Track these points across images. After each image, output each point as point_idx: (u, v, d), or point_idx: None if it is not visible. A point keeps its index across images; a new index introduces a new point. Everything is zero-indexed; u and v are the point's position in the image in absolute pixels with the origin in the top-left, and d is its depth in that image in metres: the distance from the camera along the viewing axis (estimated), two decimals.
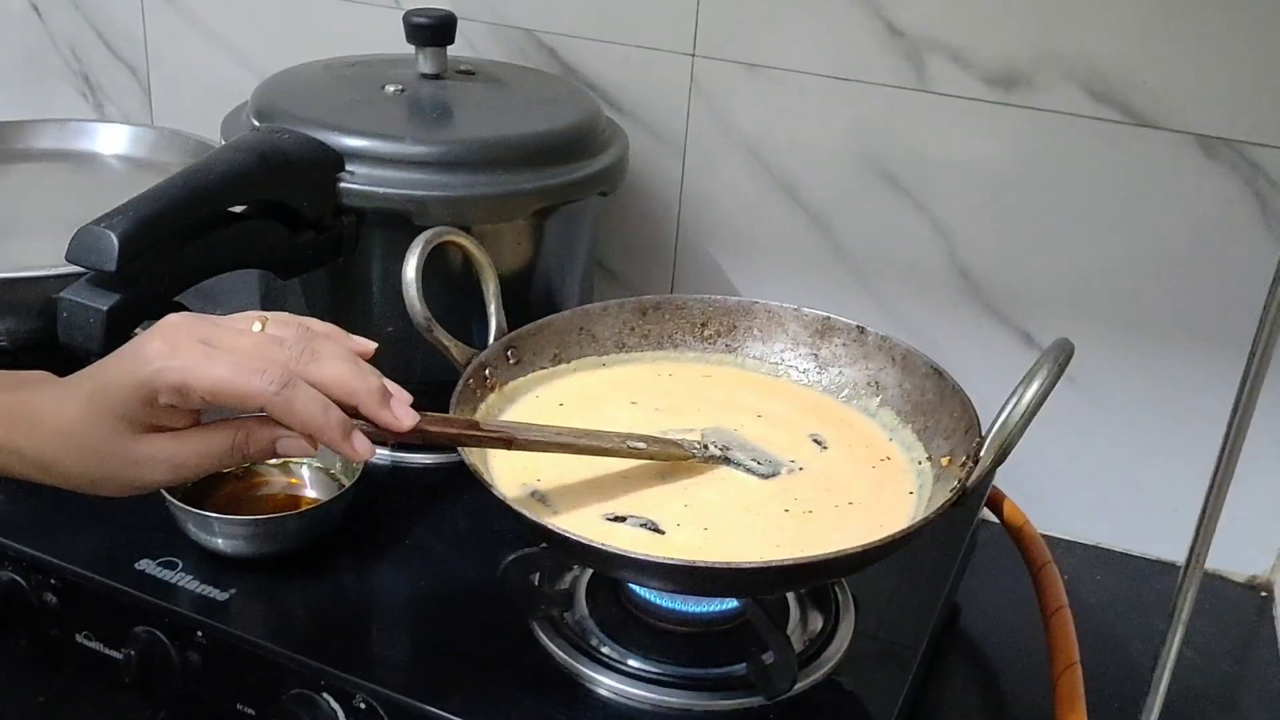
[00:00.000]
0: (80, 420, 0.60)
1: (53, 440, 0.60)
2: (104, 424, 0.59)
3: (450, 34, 0.90)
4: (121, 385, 0.58)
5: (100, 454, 0.60)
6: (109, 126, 1.11)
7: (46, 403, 0.61)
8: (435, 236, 0.76)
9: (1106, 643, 0.88)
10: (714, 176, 1.03)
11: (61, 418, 0.60)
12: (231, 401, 0.58)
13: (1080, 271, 0.93)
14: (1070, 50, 0.88)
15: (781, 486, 0.73)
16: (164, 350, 0.58)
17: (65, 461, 0.61)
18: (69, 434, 0.60)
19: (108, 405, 0.59)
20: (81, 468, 0.61)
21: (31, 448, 0.61)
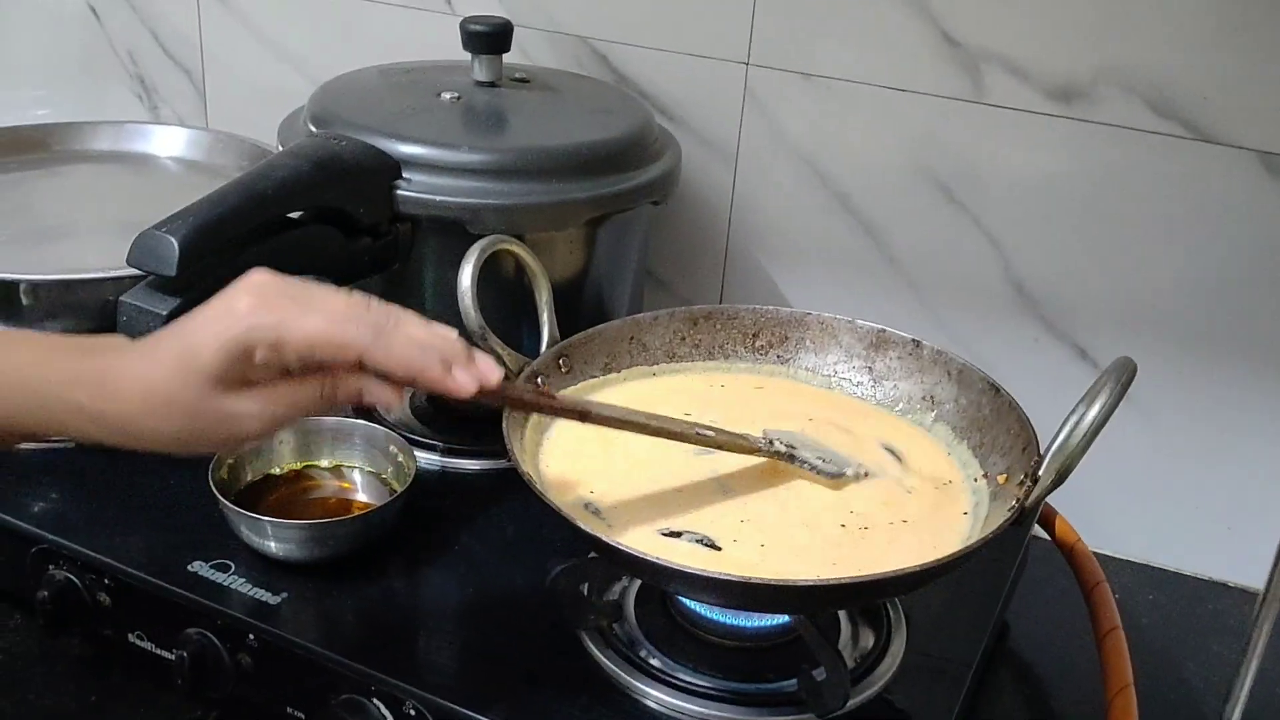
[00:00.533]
0: (168, 381, 0.59)
1: (138, 404, 0.60)
2: (195, 385, 0.59)
3: (507, 42, 0.90)
4: (212, 345, 0.58)
5: (192, 413, 0.59)
6: (165, 129, 1.12)
7: (129, 367, 0.60)
8: (491, 244, 0.76)
9: (1159, 664, 0.87)
10: (765, 185, 1.03)
11: (147, 381, 0.59)
12: (328, 352, 0.58)
13: (1137, 287, 0.92)
14: (1131, 64, 0.87)
15: (839, 499, 0.73)
16: (256, 306, 0.58)
17: (154, 424, 0.60)
18: (157, 397, 0.59)
19: (198, 366, 0.58)
20: (172, 429, 0.60)
21: (116, 412, 0.60)
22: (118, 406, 0.60)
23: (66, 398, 0.61)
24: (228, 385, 0.59)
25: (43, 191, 1.05)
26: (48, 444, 0.90)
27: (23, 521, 0.82)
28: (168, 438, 0.60)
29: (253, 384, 0.60)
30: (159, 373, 0.59)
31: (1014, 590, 0.87)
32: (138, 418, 0.60)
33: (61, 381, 0.61)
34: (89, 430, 0.61)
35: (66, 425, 0.62)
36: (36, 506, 0.84)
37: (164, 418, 0.60)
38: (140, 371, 0.60)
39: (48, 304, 0.86)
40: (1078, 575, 0.87)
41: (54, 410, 0.61)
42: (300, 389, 0.60)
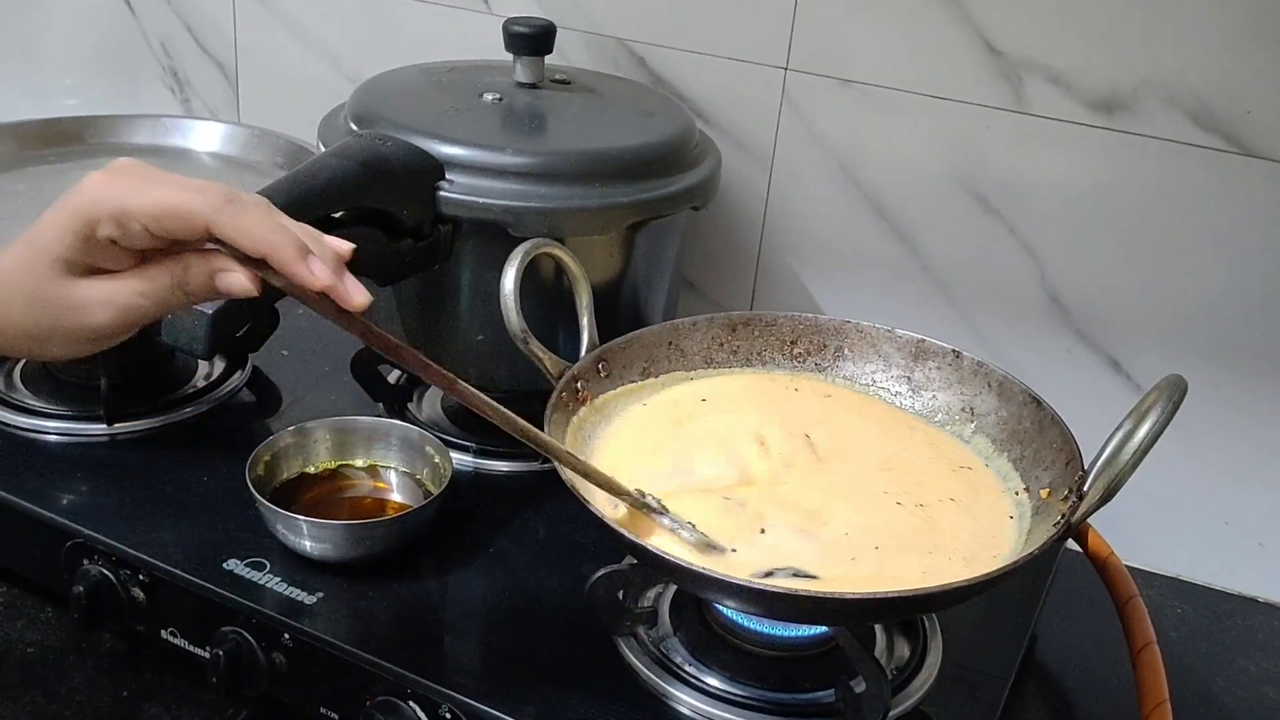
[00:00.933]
0: (16, 267, 0.57)
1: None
2: (41, 267, 0.57)
3: (549, 44, 0.90)
4: (57, 221, 0.56)
5: (38, 299, 0.57)
6: (202, 124, 1.12)
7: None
8: (534, 248, 0.76)
9: (1188, 678, 0.87)
10: (801, 191, 1.03)
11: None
12: (174, 223, 0.55)
13: (1174, 300, 0.92)
14: (1174, 76, 0.87)
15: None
16: (102, 181, 0.55)
17: (4, 315, 0.58)
18: (5, 283, 0.58)
19: (44, 246, 0.56)
20: (22, 320, 0.58)
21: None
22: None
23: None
24: (74, 269, 0.57)
25: None
26: (80, 436, 0.90)
27: (56, 515, 0.82)
28: (17, 333, 0.58)
29: (102, 272, 0.57)
30: (8, 259, 0.58)
31: (1045, 602, 0.86)
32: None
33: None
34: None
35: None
36: (66, 499, 0.84)
37: (15, 308, 0.57)
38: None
39: None
40: (1110, 589, 0.87)
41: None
42: (151, 274, 0.57)
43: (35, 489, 0.84)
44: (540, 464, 0.90)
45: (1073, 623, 0.89)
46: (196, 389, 0.97)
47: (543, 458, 0.70)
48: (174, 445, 0.91)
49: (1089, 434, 0.70)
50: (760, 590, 0.61)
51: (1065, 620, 0.89)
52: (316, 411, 0.91)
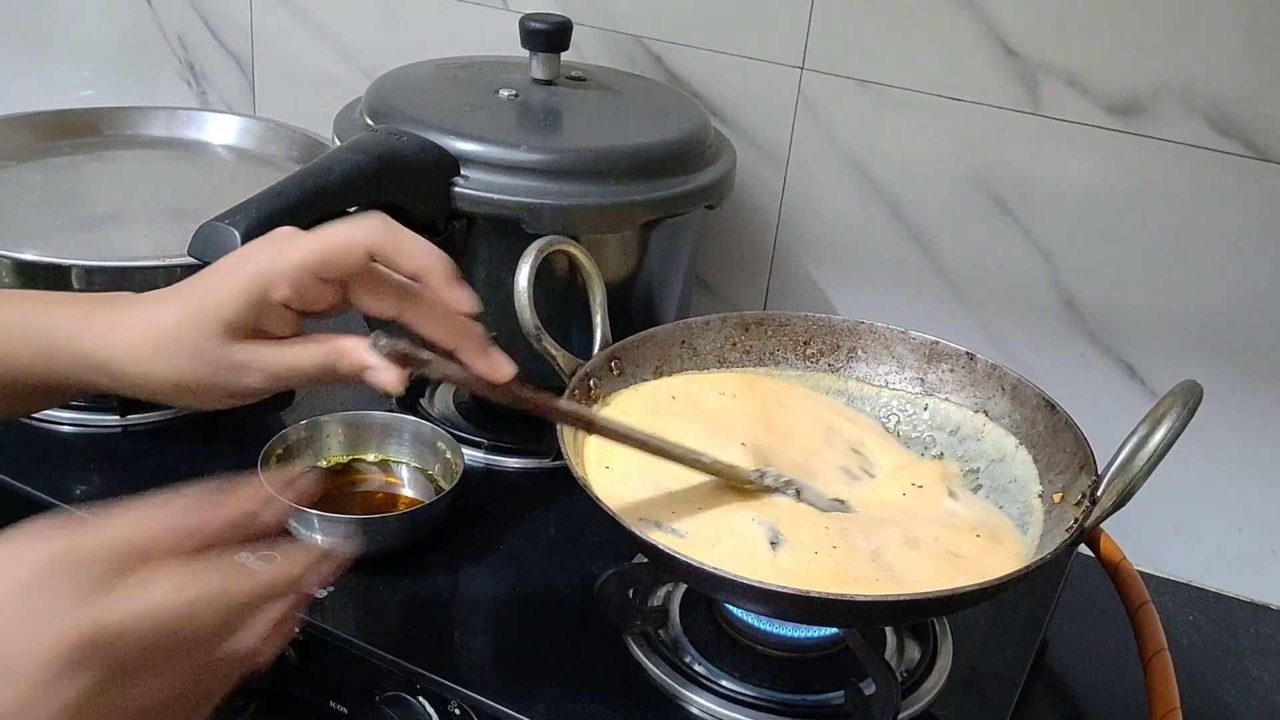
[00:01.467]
0: (178, 324, 0.59)
1: (147, 348, 0.60)
2: (207, 326, 0.59)
3: (565, 40, 0.90)
4: (229, 287, 0.58)
5: (196, 356, 0.59)
6: (218, 116, 1.12)
7: (140, 313, 0.61)
8: (549, 245, 0.76)
9: (1199, 686, 0.86)
10: (815, 191, 1.03)
11: (159, 325, 0.60)
12: (339, 258, 0.58)
13: (1189, 305, 0.92)
14: (1192, 80, 0.87)
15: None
16: (270, 246, 0.59)
17: (161, 370, 0.60)
18: (164, 340, 0.59)
19: (211, 307, 0.59)
20: (174, 374, 0.60)
21: (123, 359, 0.60)
22: (125, 352, 0.60)
23: (72, 347, 0.61)
24: (237, 333, 0.59)
25: (94, 176, 1.05)
26: (93, 427, 0.90)
27: (69, 505, 0.82)
28: (171, 385, 0.60)
29: (263, 336, 0.60)
30: (171, 316, 0.60)
31: (1056, 606, 0.86)
32: (145, 362, 0.60)
33: (68, 332, 0.61)
34: (94, 379, 0.61)
35: (71, 377, 0.61)
36: (79, 489, 0.84)
37: (169, 362, 0.59)
38: (152, 317, 0.60)
39: (100, 290, 0.86)
40: (1122, 594, 0.86)
41: (58, 361, 0.61)
42: (306, 351, 0.60)
43: (48, 479, 0.84)
44: (551, 461, 0.90)
45: (1084, 628, 0.89)
46: None
47: (555, 454, 0.70)
48: (187, 437, 0.91)
49: (1103, 439, 0.70)
50: (770, 590, 0.61)
51: (1076, 625, 0.88)
52: (329, 405, 0.91)
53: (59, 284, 0.85)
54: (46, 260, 0.85)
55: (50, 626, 0.42)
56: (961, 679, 0.74)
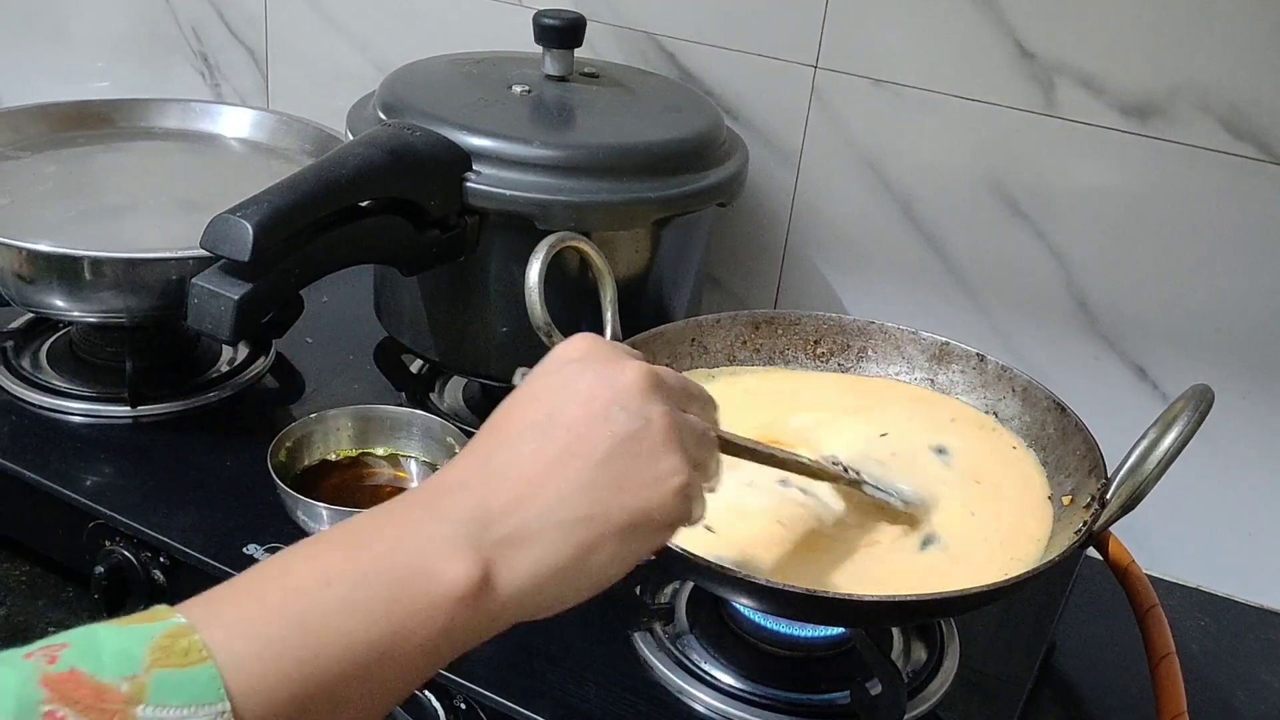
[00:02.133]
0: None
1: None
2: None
3: (579, 37, 0.90)
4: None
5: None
6: (231, 109, 1.12)
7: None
8: (560, 241, 0.76)
9: (1207, 690, 0.86)
10: (827, 190, 1.02)
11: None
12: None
13: (1203, 309, 0.91)
14: (1208, 83, 0.86)
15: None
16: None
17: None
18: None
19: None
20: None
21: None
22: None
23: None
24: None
25: (107, 167, 1.05)
26: (104, 418, 0.91)
27: (79, 495, 0.82)
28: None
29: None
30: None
31: (1064, 609, 0.86)
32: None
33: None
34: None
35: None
36: (89, 480, 0.84)
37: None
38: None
39: (111, 281, 0.86)
40: (1131, 598, 0.86)
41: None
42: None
43: (59, 469, 0.85)
44: None
45: (1092, 631, 0.88)
46: (220, 374, 0.98)
47: None
48: (197, 429, 0.92)
49: (1113, 442, 0.70)
50: (777, 589, 0.61)
51: (1084, 628, 0.88)
52: (339, 399, 0.92)
53: (71, 274, 0.85)
54: (59, 251, 0.85)
55: (627, 366, 0.52)
56: (968, 680, 0.74)
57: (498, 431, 0.53)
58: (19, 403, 0.92)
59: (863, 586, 0.64)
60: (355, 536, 0.49)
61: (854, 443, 0.76)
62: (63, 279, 0.86)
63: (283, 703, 0.44)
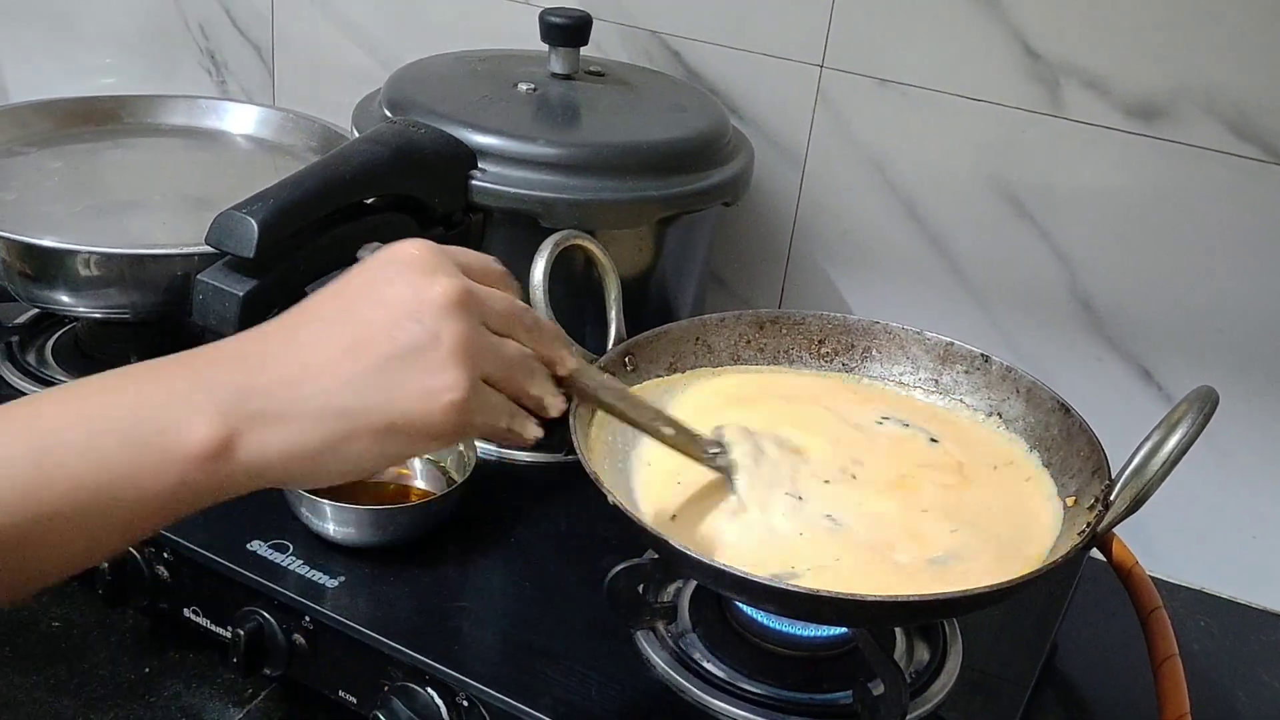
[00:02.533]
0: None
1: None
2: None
3: (585, 35, 0.90)
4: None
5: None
6: (237, 106, 1.13)
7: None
8: (564, 239, 0.76)
9: (1210, 692, 0.86)
10: (832, 190, 1.02)
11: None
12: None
13: (1208, 311, 0.91)
14: (1213, 84, 0.86)
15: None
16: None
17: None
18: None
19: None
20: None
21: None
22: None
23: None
24: None
25: (113, 163, 1.05)
26: None
27: None
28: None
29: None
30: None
31: (1067, 610, 0.86)
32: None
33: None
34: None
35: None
36: None
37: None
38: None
39: (116, 277, 0.86)
40: (1134, 599, 0.86)
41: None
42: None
43: None
44: (564, 455, 0.90)
45: (1095, 632, 0.88)
46: None
47: (567, 449, 0.70)
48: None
49: (1117, 443, 0.70)
50: (779, 589, 0.61)
51: (1087, 629, 0.88)
52: None
53: (75, 269, 0.86)
54: (64, 246, 0.85)
55: (440, 280, 0.53)
56: (971, 681, 0.74)
57: (294, 313, 0.54)
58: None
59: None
60: (111, 386, 0.51)
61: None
62: (68, 275, 0.86)
63: (3, 524, 0.46)
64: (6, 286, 0.89)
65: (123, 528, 0.50)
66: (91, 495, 0.48)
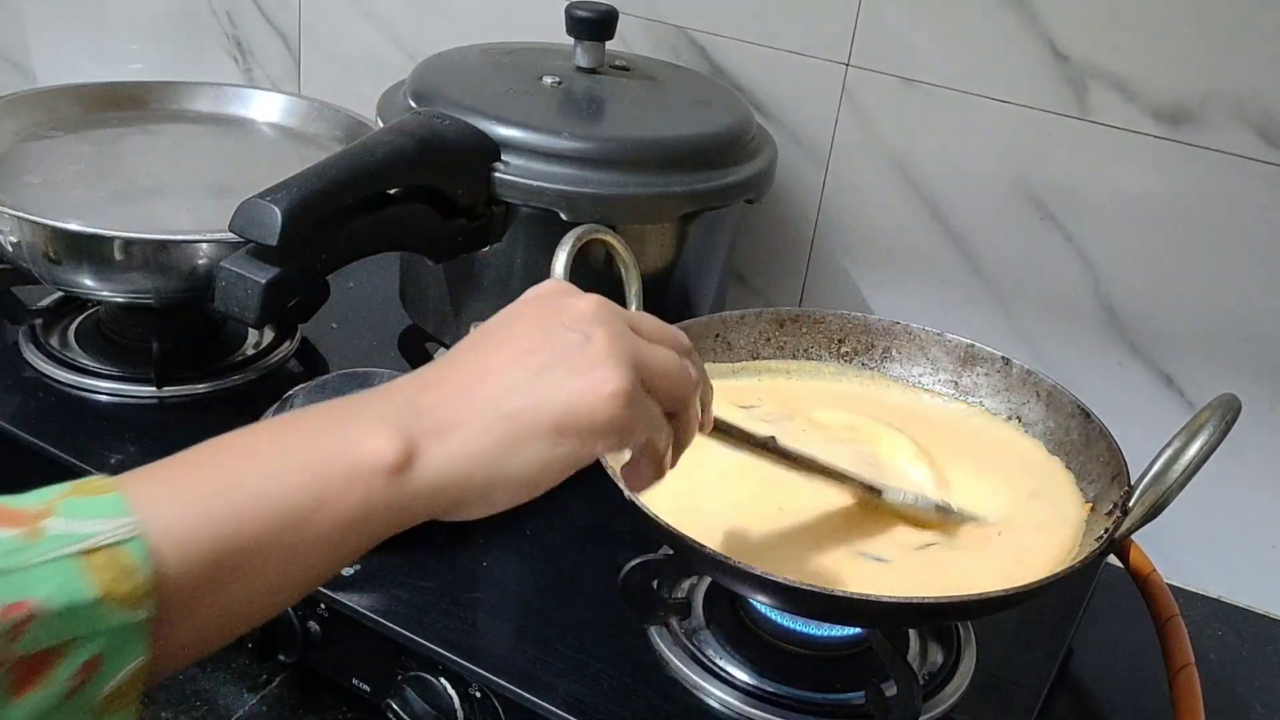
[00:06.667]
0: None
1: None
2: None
3: (611, 29, 0.90)
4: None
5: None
6: (263, 94, 1.13)
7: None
8: (586, 233, 0.76)
9: (1226, 702, 0.85)
10: (855, 189, 1.02)
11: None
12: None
13: (1233, 318, 0.90)
14: (1243, 90, 0.85)
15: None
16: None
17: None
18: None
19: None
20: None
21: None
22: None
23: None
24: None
25: (139, 149, 1.06)
26: (129, 398, 0.91)
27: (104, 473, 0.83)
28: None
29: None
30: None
31: (1084, 615, 0.86)
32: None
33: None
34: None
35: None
36: (114, 459, 0.85)
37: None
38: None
39: (140, 262, 0.87)
40: (1151, 607, 0.86)
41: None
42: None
43: (84, 447, 0.85)
44: None
45: (1110, 639, 0.88)
46: (246, 357, 0.98)
47: None
48: (221, 411, 0.92)
49: (1137, 449, 0.69)
50: (794, 588, 0.60)
51: (1103, 636, 0.88)
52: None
53: (100, 254, 0.86)
54: (89, 231, 0.85)
55: (585, 297, 0.55)
56: (984, 684, 0.74)
57: (453, 350, 0.55)
58: (46, 380, 0.93)
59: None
60: (288, 421, 0.52)
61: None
62: (92, 259, 0.86)
63: (203, 550, 0.46)
64: (31, 269, 0.89)
65: (314, 552, 0.49)
66: (284, 516, 0.48)
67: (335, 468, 0.49)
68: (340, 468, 0.49)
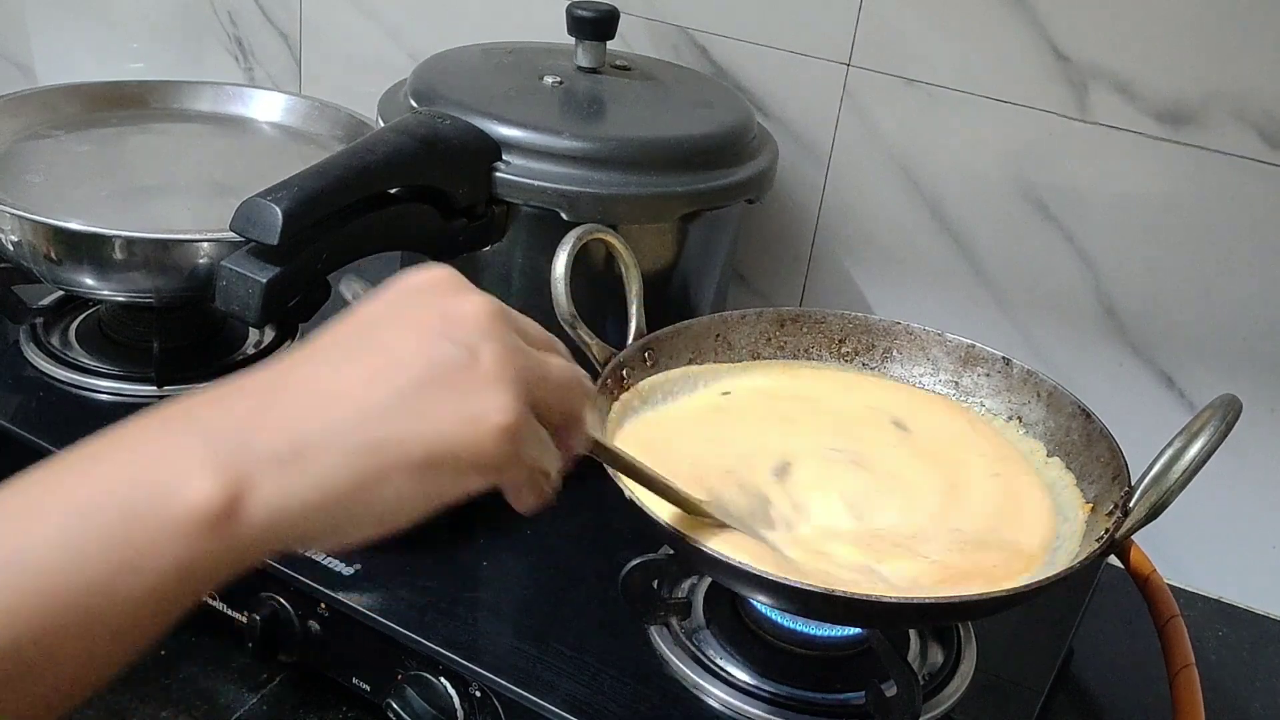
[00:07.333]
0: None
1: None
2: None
3: (612, 29, 0.90)
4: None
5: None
6: (264, 93, 1.13)
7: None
8: (586, 233, 0.76)
9: (1226, 702, 0.85)
10: (856, 189, 1.02)
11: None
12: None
13: (1233, 319, 0.90)
14: (1244, 90, 0.85)
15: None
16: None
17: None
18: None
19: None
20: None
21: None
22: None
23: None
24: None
25: (140, 148, 1.06)
26: (130, 397, 0.91)
27: None
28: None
29: None
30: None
31: (1084, 616, 0.85)
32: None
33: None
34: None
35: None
36: None
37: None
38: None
39: (141, 261, 0.87)
40: (1151, 607, 0.86)
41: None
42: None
43: None
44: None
45: (1111, 639, 0.88)
46: (246, 356, 0.98)
47: None
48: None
49: (1138, 450, 0.69)
50: (795, 588, 0.60)
51: (1103, 636, 0.88)
52: None
53: (101, 254, 0.86)
54: (90, 230, 0.85)
55: (469, 297, 0.47)
56: (984, 685, 0.74)
57: (306, 347, 0.47)
58: (47, 379, 0.93)
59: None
60: (74, 462, 0.42)
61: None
62: (93, 258, 0.86)
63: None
64: (31, 268, 0.89)
65: (123, 632, 0.40)
66: (80, 596, 0.38)
67: (141, 524, 0.39)
68: (150, 527, 0.39)
